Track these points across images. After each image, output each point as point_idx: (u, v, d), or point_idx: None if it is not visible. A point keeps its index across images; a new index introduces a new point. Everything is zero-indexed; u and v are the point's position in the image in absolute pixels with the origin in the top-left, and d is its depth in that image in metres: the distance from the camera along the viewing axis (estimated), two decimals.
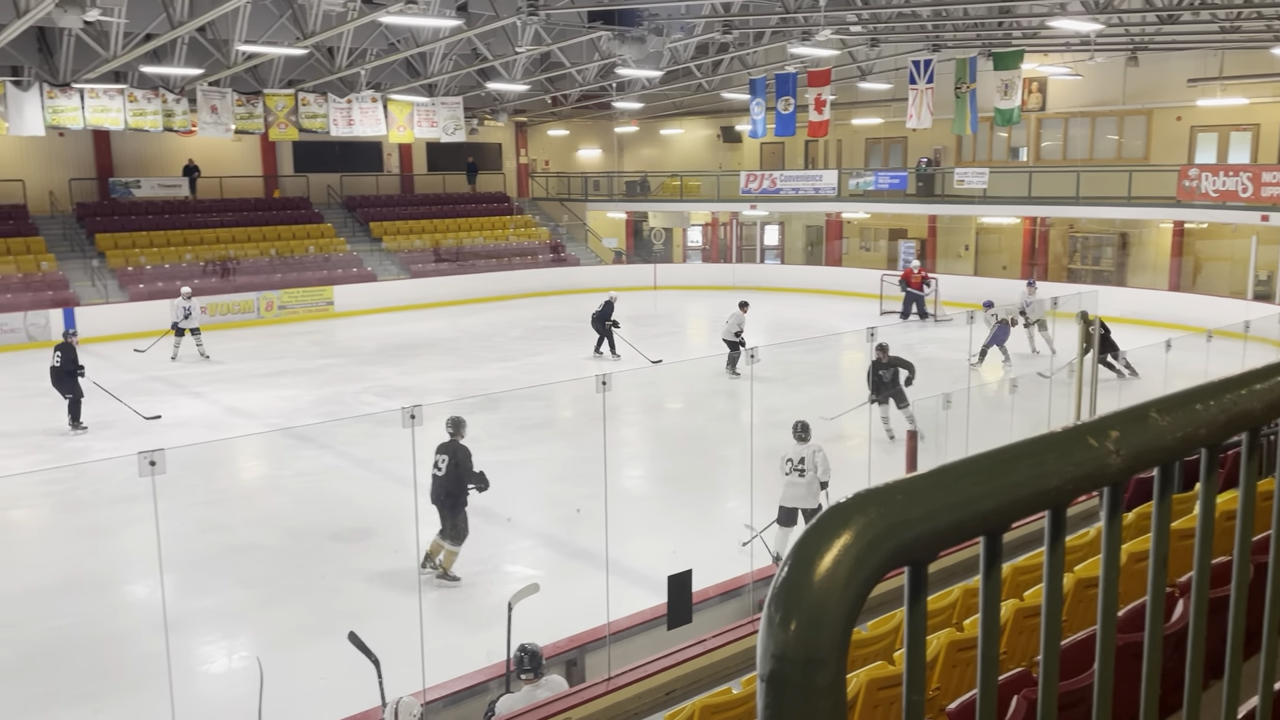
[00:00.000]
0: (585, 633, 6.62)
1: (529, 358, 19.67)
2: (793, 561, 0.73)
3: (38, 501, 11.64)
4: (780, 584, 0.72)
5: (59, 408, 15.47)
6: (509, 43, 20.30)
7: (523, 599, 6.18)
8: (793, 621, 0.70)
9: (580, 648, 6.60)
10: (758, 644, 0.73)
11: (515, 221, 33.61)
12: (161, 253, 26.11)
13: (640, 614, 6.99)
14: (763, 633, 0.72)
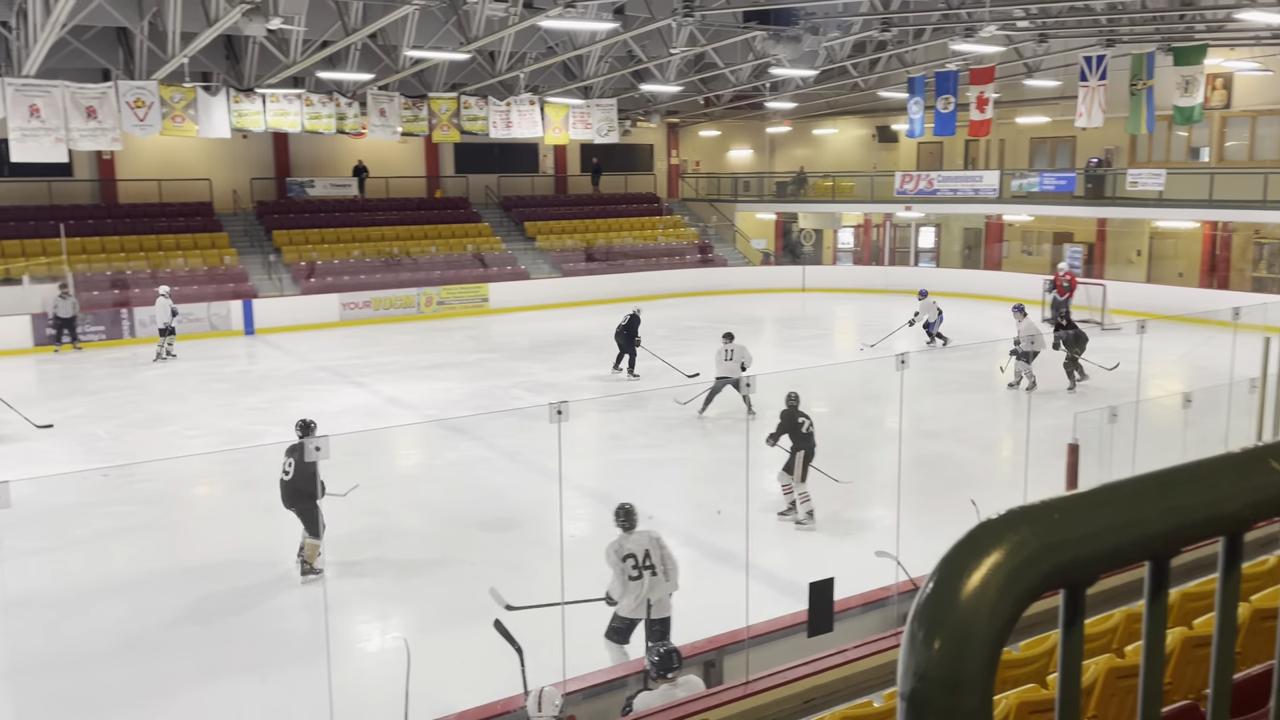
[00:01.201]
0: (723, 635, 6.59)
1: (674, 357, 19.73)
2: (938, 578, 0.70)
3: (217, 480, 12.47)
4: (924, 601, 0.70)
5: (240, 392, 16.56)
6: (663, 44, 20.44)
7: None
8: (936, 640, 0.67)
9: (718, 649, 6.58)
10: (899, 661, 0.71)
11: (664, 222, 33.81)
12: (331, 249, 27.52)
13: (779, 619, 6.91)
14: (905, 650, 0.69)
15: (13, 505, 4.42)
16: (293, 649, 7.32)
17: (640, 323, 17.62)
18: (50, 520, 10.12)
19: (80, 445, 13.35)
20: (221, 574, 9.07)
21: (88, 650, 7.52)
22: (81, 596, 8.57)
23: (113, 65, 20.24)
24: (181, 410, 15.57)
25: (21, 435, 14.16)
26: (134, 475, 11.60)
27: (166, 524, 10.47)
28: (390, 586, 8.79)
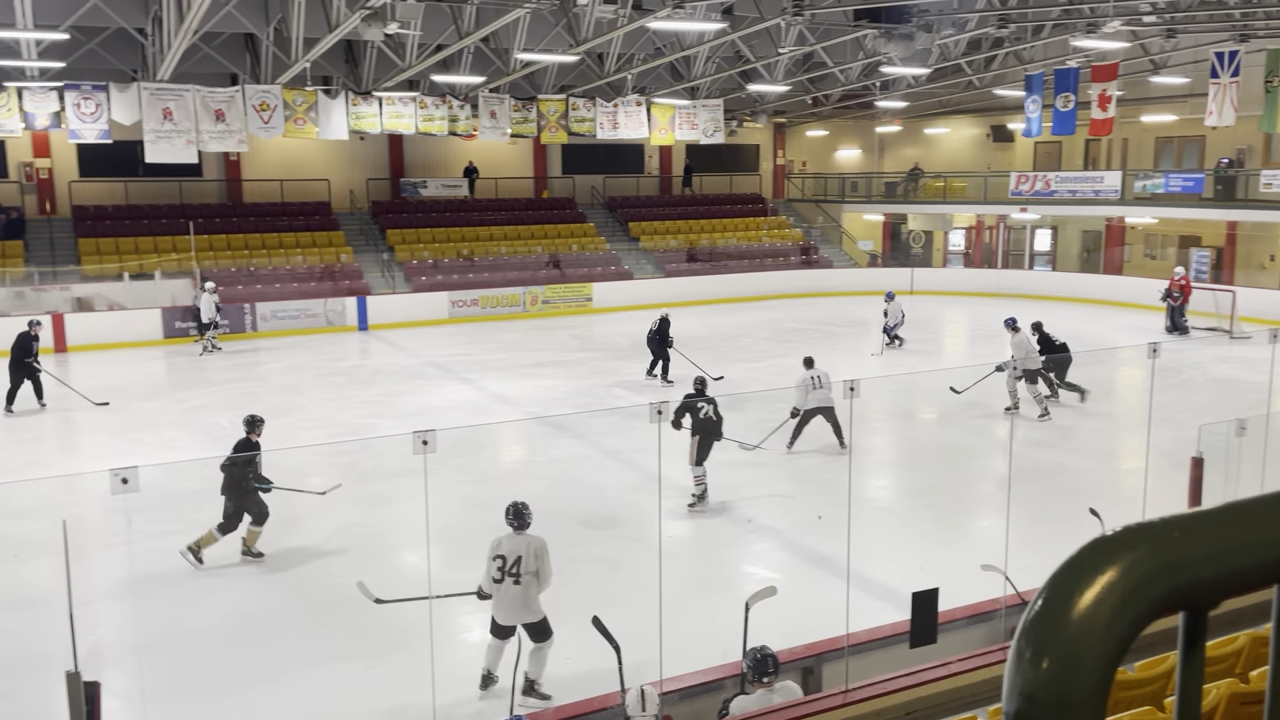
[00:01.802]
0: (822, 642, 6.51)
1: (776, 359, 19.57)
2: (1048, 594, 0.68)
3: (328, 471, 12.89)
4: (1033, 618, 0.67)
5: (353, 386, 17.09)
6: (772, 44, 20.30)
7: (760, 601, 6.17)
8: (1045, 660, 0.65)
9: (817, 656, 6.50)
10: (1005, 678, 0.68)
11: (769, 223, 33.56)
12: (442, 248, 28.18)
13: (880, 628, 6.78)
14: (1011, 668, 0.67)
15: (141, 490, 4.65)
16: (398, 637, 7.52)
17: (670, 326, 17.19)
18: (175, 505, 10.62)
19: (204, 434, 13.99)
20: (331, 562, 9.38)
21: (205, 631, 7.87)
22: (201, 579, 8.97)
23: (240, 70, 21.16)
24: (298, 402, 16.17)
25: (156, 424, 14.92)
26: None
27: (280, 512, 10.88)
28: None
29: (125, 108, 19.67)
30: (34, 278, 23.26)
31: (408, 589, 8.49)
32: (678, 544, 9.66)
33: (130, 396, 16.79)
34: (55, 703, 6.45)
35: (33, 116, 19.33)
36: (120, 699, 6.49)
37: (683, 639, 6.68)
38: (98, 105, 19.53)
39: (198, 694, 6.87)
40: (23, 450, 13.63)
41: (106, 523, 10.04)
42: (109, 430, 14.68)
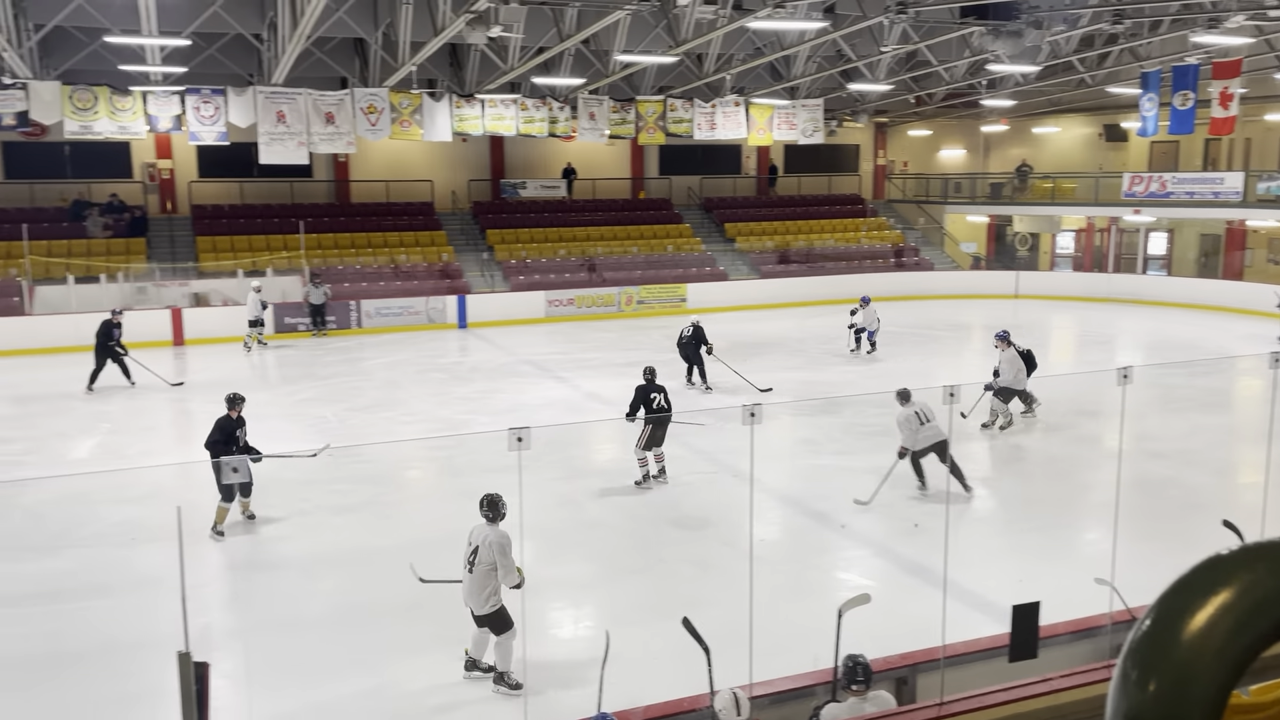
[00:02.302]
0: (917, 652, 6.37)
1: (875, 363, 19.26)
2: (1158, 614, 0.65)
3: (426, 465, 13.20)
4: (1141, 638, 0.64)
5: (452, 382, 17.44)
6: (874, 42, 19.96)
7: (853, 608, 6.06)
8: (1152, 682, 0.62)
9: (911, 667, 6.36)
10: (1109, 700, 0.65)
11: (868, 224, 33.05)
12: (540, 248, 28.55)
13: (977, 640, 6.60)
14: (1116, 689, 0.64)
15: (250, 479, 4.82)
16: None
17: (704, 332, 16.88)
18: (282, 494, 11.00)
19: (310, 426, 14.45)
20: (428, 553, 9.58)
21: (308, 617, 8.13)
22: (305, 566, 9.27)
23: (349, 74, 21.80)
24: (399, 397, 16.58)
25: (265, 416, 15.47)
26: (355, 456, 12.42)
27: (381, 504, 11.17)
28: (583, 576, 9.03)
29: (241, 111, 20.46)
30: (155, 274, 24.39)
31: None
32: (769, 548, 9.58)
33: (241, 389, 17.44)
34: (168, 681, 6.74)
35: (156, 119, 20.26)
36: (227, 679, 6.75)
37: (773, 643, 6.62)
38: (216, 108, 20.37)
39: (299, 678, 7.10)
40: (140, 439, 14.30)
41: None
42: None
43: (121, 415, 15.61)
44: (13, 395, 17.04)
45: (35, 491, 11.57)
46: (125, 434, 14.47)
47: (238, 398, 10.35)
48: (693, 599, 8.14)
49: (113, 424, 14.98)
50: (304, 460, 12.27)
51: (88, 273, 23.68)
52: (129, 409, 16.00)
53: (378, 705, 6.81)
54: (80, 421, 15.03)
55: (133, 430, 14.79)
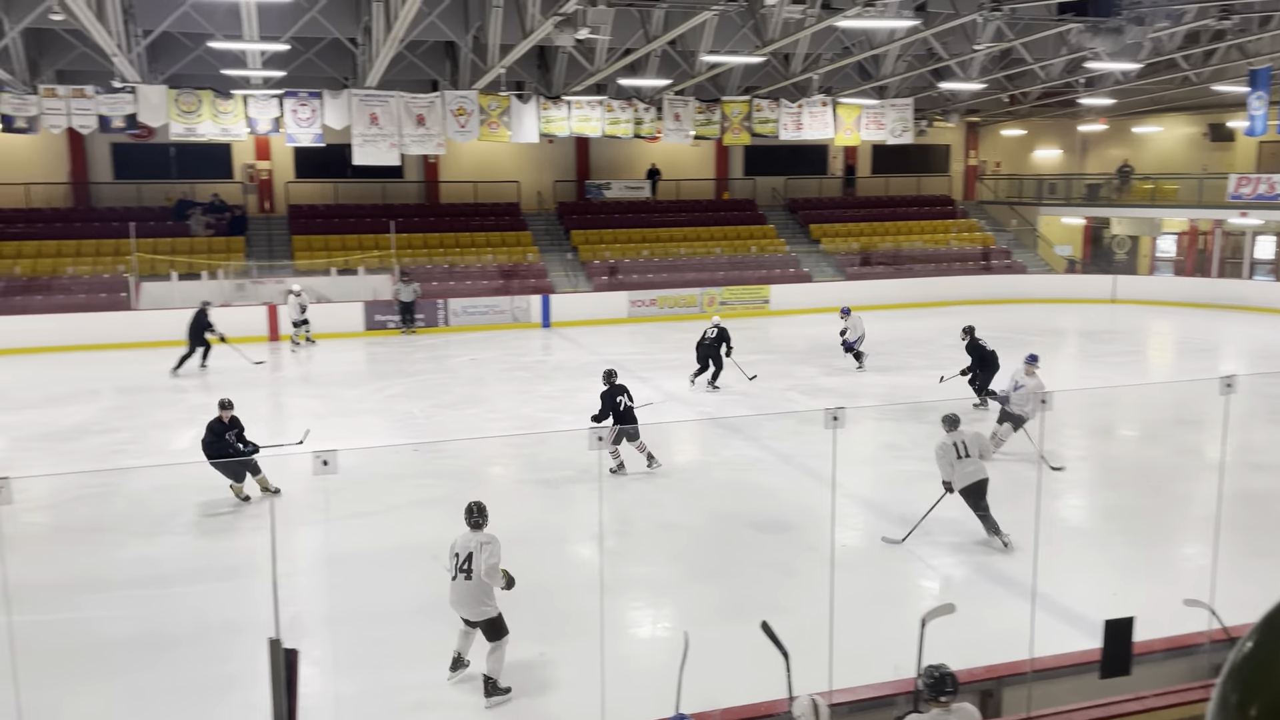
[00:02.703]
0: (1003, 664, 6.22)
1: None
2: (1261, 636, 0.62)
3: (510, 461, 13.37)
4: (1242, 660, 0.62)
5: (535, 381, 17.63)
6: (967, 40, 19.53)
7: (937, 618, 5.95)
8: (1254, 706, 0.60)
9: (997, 679, 6.21)
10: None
11: (958, 225, 32.39)
12: (623, 248, 28.69)
13: (1067, 655, 6.42)
14: (1214, 711, 0.62)
15: (339, 472, 4.96)
16: (572, 627, 7.70)
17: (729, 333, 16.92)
18: (369, 487, 11.27)
19: (397, 422, 14.77)
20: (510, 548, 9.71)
21: (392, 608, 8.31)
22: (391, 558, 9.48)
23: (440, 76, 22.21)
24: (484, 394, 16.83)
25: (356, 411, 15.88)
26: (441, 452, 12.64)
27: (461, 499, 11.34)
28: (663, 577, 9.04)
29: (336, 113, 21.03)
30: (253, 271, 25.22)
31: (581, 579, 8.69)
32: (851, 554, 9.46)
33: (333, 384, 17.94)
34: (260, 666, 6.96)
35: (255, 122, 20.94)
36: (315, 666, 6.94)
37: (853, 651, 6.53)
38: (312, 111, 20.96)
39: (383, 666, 7.27)
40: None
41: (309, 501, 10.77)
42: (315, 415, 15.73)
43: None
44: (119, 387, 17.81)
45: (138, 479, 12.07)
46: None
47: (228, 402, 11.19)
48: (772, 603, 8.09)
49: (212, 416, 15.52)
50: (393, 454, 12.55)
51: (190, 270, 24.60)
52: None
53: (460, 697, 6.92)
54: (181, 413, 15.62)
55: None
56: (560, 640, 7.60)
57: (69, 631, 7.89)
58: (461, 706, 6.85)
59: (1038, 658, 6.04)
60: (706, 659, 7.05)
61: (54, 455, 13.20)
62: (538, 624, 7.89)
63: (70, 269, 24.49)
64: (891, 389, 17.00)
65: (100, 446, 13.68)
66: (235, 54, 18.47)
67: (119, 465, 12.53)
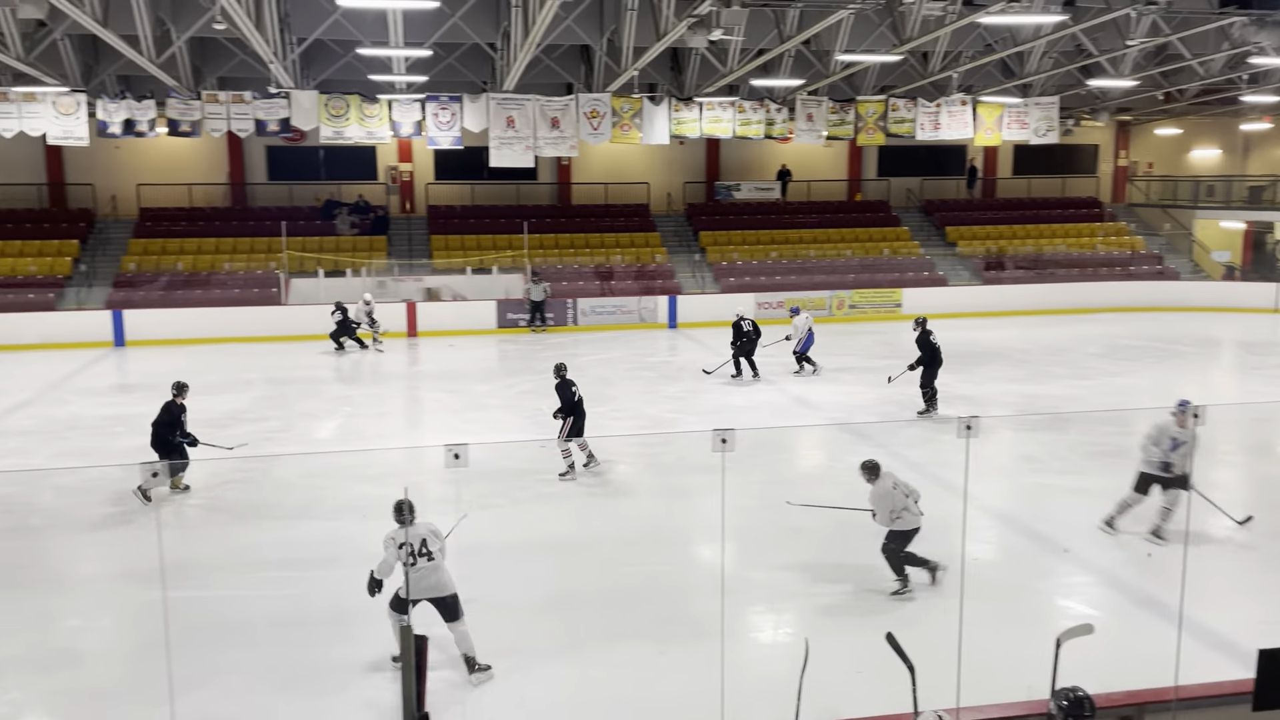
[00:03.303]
0: (1145, 690, 5.91)
1: (1108, 378, 18.01)
2: None
3: (634, 460, 13.47)
4: None
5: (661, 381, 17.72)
6: (1119, 35, 18.65)
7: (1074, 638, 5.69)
8: None
9: (1138, 706, 5.90)
10: None
11: (1106, 229, 30.96)
12: (751, 250, 28.54)
13: (1218, 684, 6.05)
14: None
15: (470, 465, 5.09)
16: (693, 629, 7.70)
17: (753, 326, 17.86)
18: (499, 481, 11.55)
19: (526, 418, 15.08)
20: (632, 547, 9.80)
21: (518, 600, 8.48)
22: (517, 551, 9.68)
23: (574, 79, 22.57)
24: (610, 394, 17.01)
25: (487, 406, 16.30)
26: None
27: (588, 496, 11.51)
28: (785, 582, 8.94)
29: (475, 117, 21.62)
30: (394, 270, 26.19)
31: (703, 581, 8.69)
32: (982, 567, 9.16)
33: (467, 380, 18.46)
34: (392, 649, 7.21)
35: (399, 125, 21.73)
36: (443, 653, 7.15)
37: (981, 668, 6.32)
38: (452, 114, 21.61)
39: (508, 656, 7.42)
40: (377, 423, 15.38)
41: (441, 492, 11.10)
42: (449, 409, 16.23)
43: (362, 400, 16.85)
44: (269, 377, 18.76)
45: (284, 467, 12.69)
46: (364, 417, 15.60)
47: (183, 386, 11.59)
48: (897, 615, 7.91)
49: (354, 408, 16.18)
50: (521, 449, 12.82)
51: (335, 267, 25.72)
52: (369, 395, 17.26)
53: (578, 691, 7.01)
54: (326, 404, 16.34)
55: (371, 414, 15.93)
56: (679, 642, 7.61)
57: (217, 608, 8.36)
58: (579, 698, 6.93)
59: (1183, 685, 5.72)
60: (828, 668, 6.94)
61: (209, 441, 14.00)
62: (657, 625, 7.92)
63: (226, 265, 25.95)
64: (1029, 398, 16.38)
65: (251, 434, 14.44)
66: (381, 60, 19.21)
67: (267, 453, 13.20)
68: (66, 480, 12.14)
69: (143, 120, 21.12)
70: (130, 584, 8.88)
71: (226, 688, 6.96)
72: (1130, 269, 29.02)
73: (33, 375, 18.94)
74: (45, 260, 25.35)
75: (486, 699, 6.83)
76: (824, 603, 8.50)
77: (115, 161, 27.73)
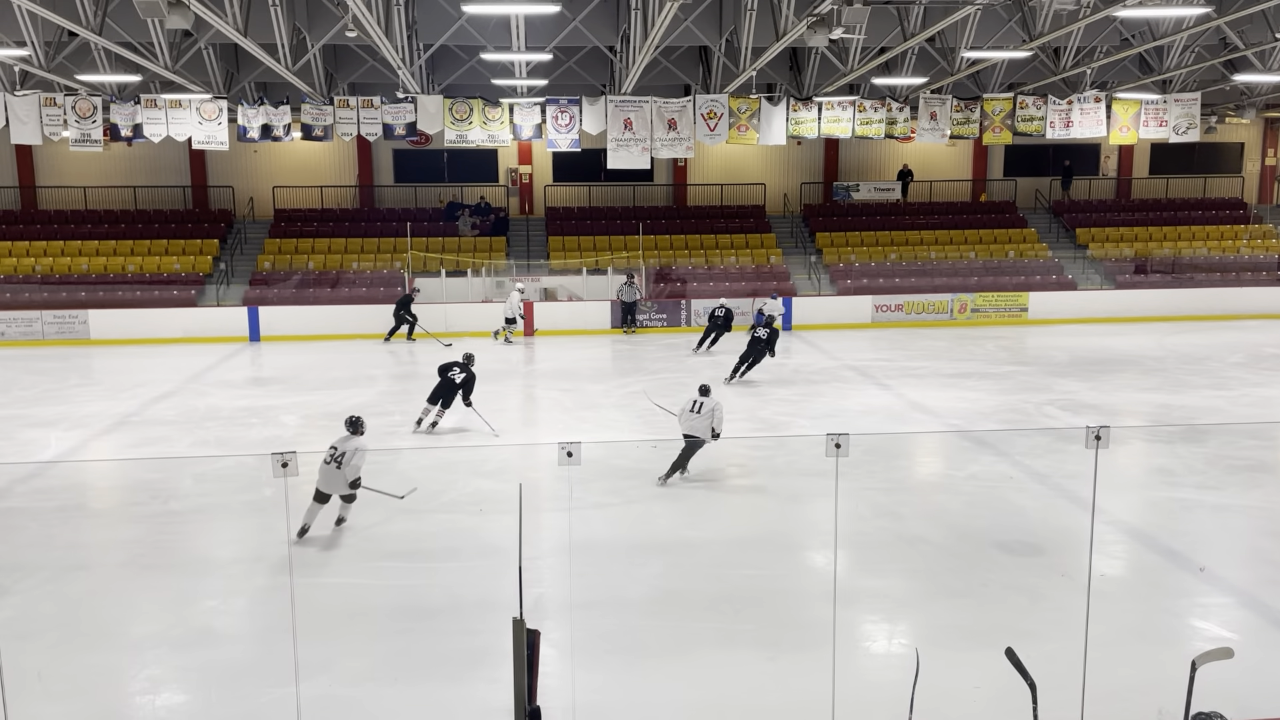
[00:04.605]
0: None
1: (1250, 388, 17.03)
2: None
3: (745, 462, 13.40)
4: None
5: (774, 384, 17.58)
6: (1268, 28, 17.61)
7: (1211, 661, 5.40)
8: None
9: None
10: None
11: (1251, 231, 29.27)
12: (869, 252, 28.02)
13: None
14: None
15: (582, 463, 5.15)
16: (803, 636, 7.61)
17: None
18: (609, 479, 11.64)
19: (638, 418, 15.15)
20: (743, 550, 9.74)
21: (631, 599, 8.53)
22: (629, 550, 9.74)
23: (692, 80, 22.59)
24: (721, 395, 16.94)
25: (600, 405, 16.46)
26: (675, 449, 12.84)
27: (697, 497, 11.50)
28: (901, 592, 8.75)
29: (593, 119, 21.86)
30: (511, 269, 26.71)
31: (815, 588, 8.57)
32: (1110, 584, 8.77)
33: (580, 379, 18.68)
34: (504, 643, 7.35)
35: (519, 128, 22.15)
36: (555, 649, 7.25)
37: (1109, 689, 6.06)
38: (571, 117, 21.90)
39: (617, 655, 7.48)
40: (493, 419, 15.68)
41: (554, 489, 11.27)
42: (563, 408, 16.45)
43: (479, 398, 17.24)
44: (392, 373, 19.38)
45: (407, 460, 13.08)
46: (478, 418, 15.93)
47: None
48: (1019, 629, 7.64)
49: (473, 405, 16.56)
50: (634, 449, 12.90)
51: (457, 268, 26.40)
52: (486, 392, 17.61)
53: (687, 692, 7.01)
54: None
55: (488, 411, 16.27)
56: (789, 648, 7.53)
57: (340, 595, 8.67)
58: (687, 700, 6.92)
59: None
60: (945, 681, 6.77)
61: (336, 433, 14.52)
62: (768, 630, 7.85)
63: (355, 264, 26.92)
64: (1163, 408, 15.61)
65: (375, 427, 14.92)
66: (504, 64, 19.63)
67: (391, 446, 13.63)
68: (205, 468, 12.79)
69: (279, 125, 22.09)
70: (261, 569, 9.30)
71: (347, 672, 7.22)
72: (1277, 274, 27.36)
73: (175, 368, 20.03)
74: (187, 259, 26.78)
75: (596, 695, 6.90)
76: (941, 614, 8.28)
77: (253, 165, 29.12)
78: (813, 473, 11.72)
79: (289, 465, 11.40)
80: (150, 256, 26.79)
